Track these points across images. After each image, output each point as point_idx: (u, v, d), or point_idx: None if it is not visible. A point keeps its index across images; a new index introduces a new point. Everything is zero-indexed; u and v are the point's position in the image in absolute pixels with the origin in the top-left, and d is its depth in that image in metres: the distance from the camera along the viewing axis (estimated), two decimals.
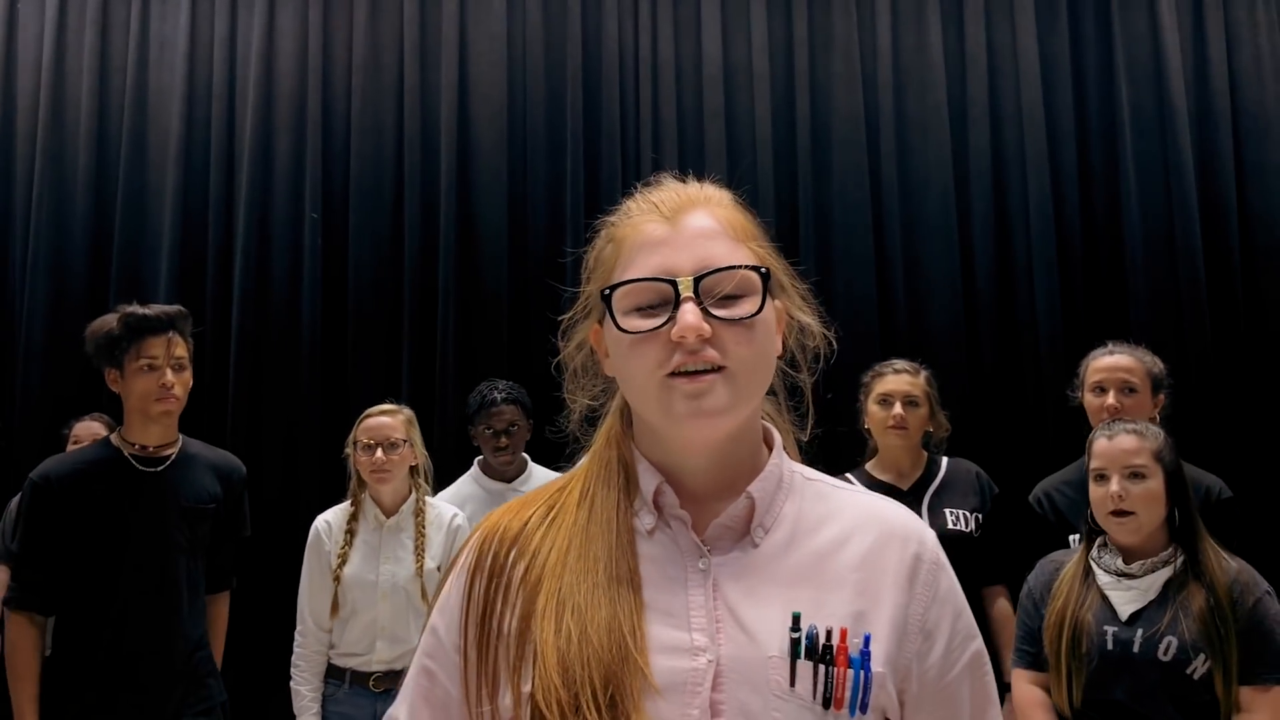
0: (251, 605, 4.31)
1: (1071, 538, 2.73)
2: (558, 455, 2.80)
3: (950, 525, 2.78)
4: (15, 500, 3.89)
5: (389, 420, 2.97)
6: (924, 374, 2.92)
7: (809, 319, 1.09)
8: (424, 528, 2.89)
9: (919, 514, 2.73)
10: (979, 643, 1.01)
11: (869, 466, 2.88)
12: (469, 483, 3.28)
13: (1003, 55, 6.44)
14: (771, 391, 1.06)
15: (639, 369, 0.98)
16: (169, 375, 2.49)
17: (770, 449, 1.05)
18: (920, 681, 0.97)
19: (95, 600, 2.37)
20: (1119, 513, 2.14)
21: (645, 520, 0.99)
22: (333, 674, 2.83)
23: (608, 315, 1.01)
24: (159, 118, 6.14)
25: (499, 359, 5.93)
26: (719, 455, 1.00)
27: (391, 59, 6.28)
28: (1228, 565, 2.09)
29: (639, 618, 0.93)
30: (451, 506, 3.08)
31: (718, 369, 0.95)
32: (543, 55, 6.33)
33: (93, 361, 2.54)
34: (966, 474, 2.90)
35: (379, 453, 2.88)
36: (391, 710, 1.06)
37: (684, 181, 1.09)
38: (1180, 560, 2.10)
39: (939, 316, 6.18)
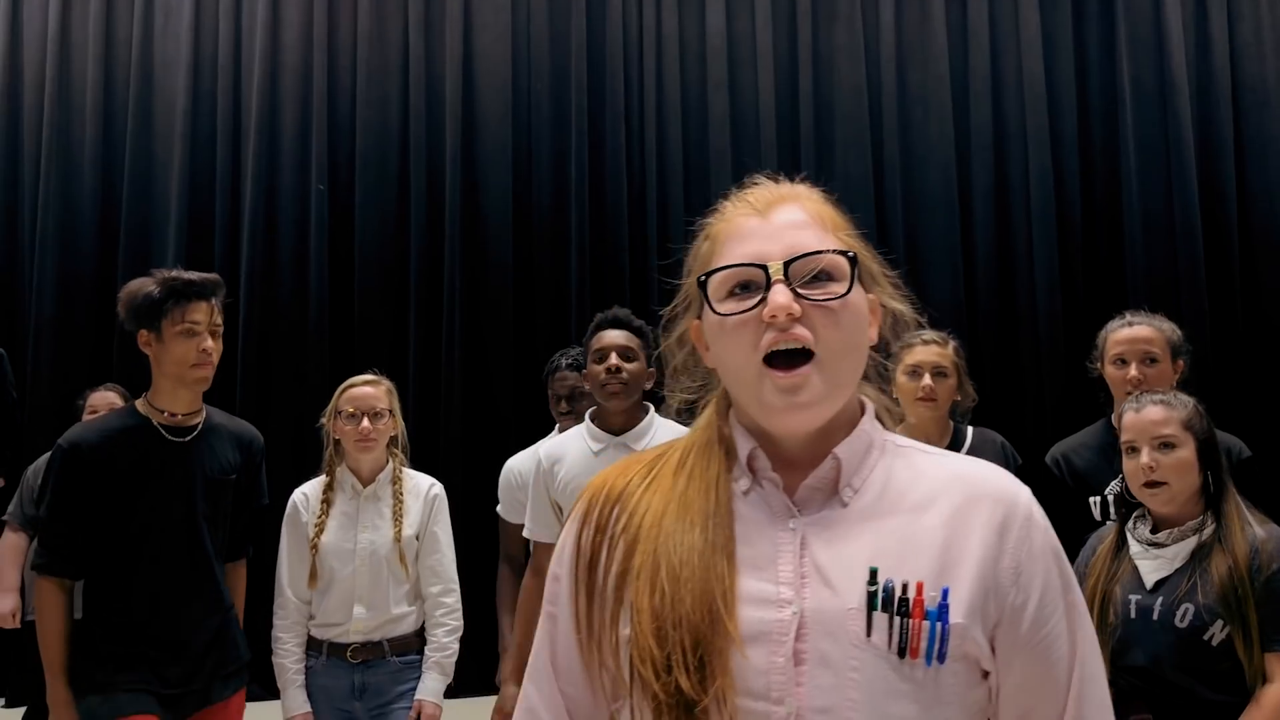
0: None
1: (1092, 500, 2.76)
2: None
3: None
4: (31, 468, 3.96)
5: (372, 390, 2.92)
6: (952, 344, 2.94)
7: (900, 306, 1.12)
8: (401, 496, 2.88)
9: None
10: (1076, 594, 1.03)
11: (896, 434, 2.93)
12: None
13: (1005, 28, 6.45)
14: (866, 377, 1.09)
15: (735, 353, 1.01)
16: (209, 341, 2.47)
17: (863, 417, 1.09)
18: (1013, 633, 0.99)
19: (124, 567, 2.39)
20: (1151, 484, 2.12)
21: (741, 483, 1.04)
22: (310, 646, 2.83)
23: (705, 303, 1.06)
24: (164, 91, 6.16)
25: (504, 329, 5.99)
26: (814, 433, 1.04)
27: (396, 31, 6.29)
28: (1252, 532, 2.06)
29: (731, 582, 0.98)
30: (428, 477, 3.03)
31: (809, 355, 0.98)
32: (547, 27, 6.34)
33: (125, 323, 2.53)
34: (991, 444, 2.93)
35: (365, 422, 2.86)
36: (533, 654, 1.13)
37: (776, 181, 1.12)
38: (1210, 528, 2.07)
39: (939, 290, 6.22)
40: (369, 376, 2.95)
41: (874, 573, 0.97)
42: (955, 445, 2.89)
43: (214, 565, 2.48)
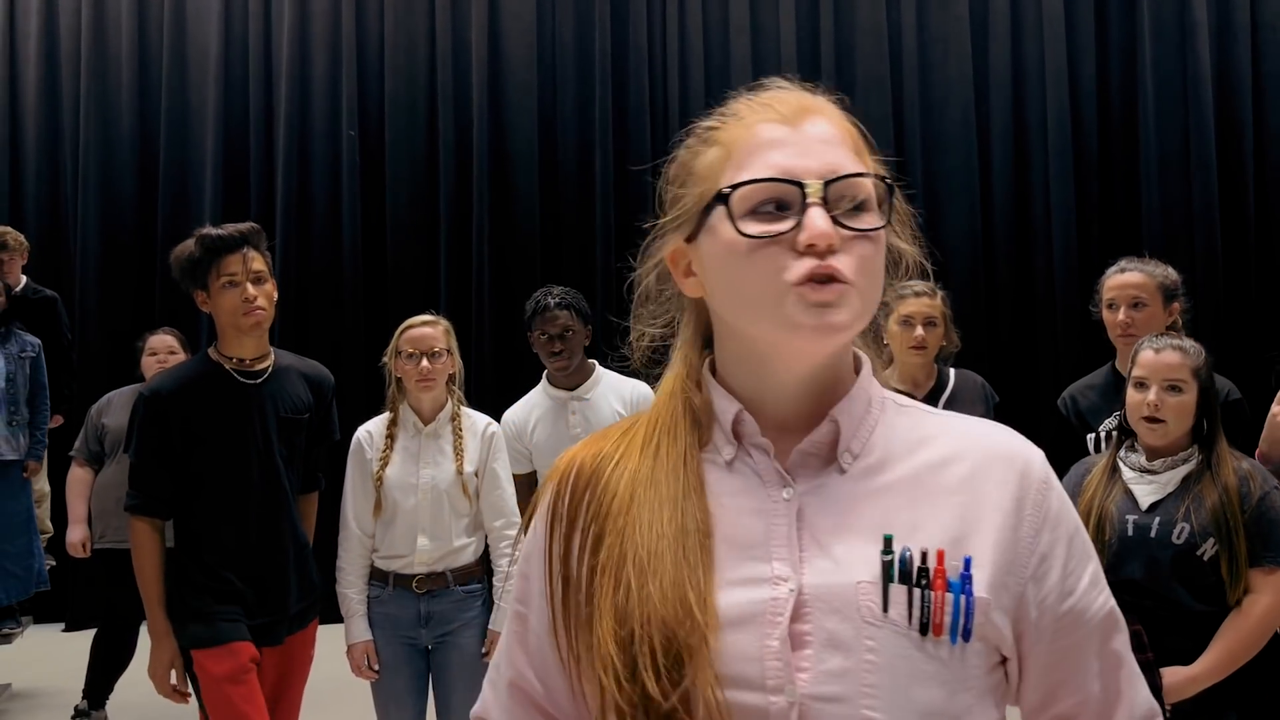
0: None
1: (1089, 436, 2.93)
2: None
3: None
4: (95, 406, 4.19)
5: (431, 330, 2.92)
6: (940, 294, 3.11)
7: (906, 246, 0.98)
8: (461, 433, 2.93)
9: None
10: (1096, 566, 0.94)
11: (886, 375, 3.12)
12: (538, 393, 3.24)
13: None
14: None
15: (757, 277, 0.87)
16: (250, 289, 2.53)
17: (858, 374, 0.97)
18: (1040, 608, 0.89)
19: (207, 504, 2.53)
20: (1152, 419, 2.31)
21: (725, 451, 0.93)
22: (376, 577, 2.90)
23: (724, 220, 0.89)
24: (198, 37, 6.29)
25: (532, 268, 6.16)
26: (809, 377, 0.92)
27: None
28: (1239, 465, 2.29)
29: (708, 569, 0.87)
30: (484, 416, 3.06)
31: (844, 282, 0.86)
32: None
33: (181, 286, 2.65)
34: (973, 385, 3.11)
35: (424, 362, 2.88)
36: (494, 657, 1.04)
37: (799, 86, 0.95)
38: (1198, 459, 2.29)
39: (957, 231, 6.35)
40: (427, 317, 2.98)
41: (888, 540, 0.87)
42: (941, 385, 3.07)
43: (290, 500, 2.63)
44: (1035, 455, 0.94)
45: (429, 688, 2.97)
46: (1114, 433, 2.48)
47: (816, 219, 0.85)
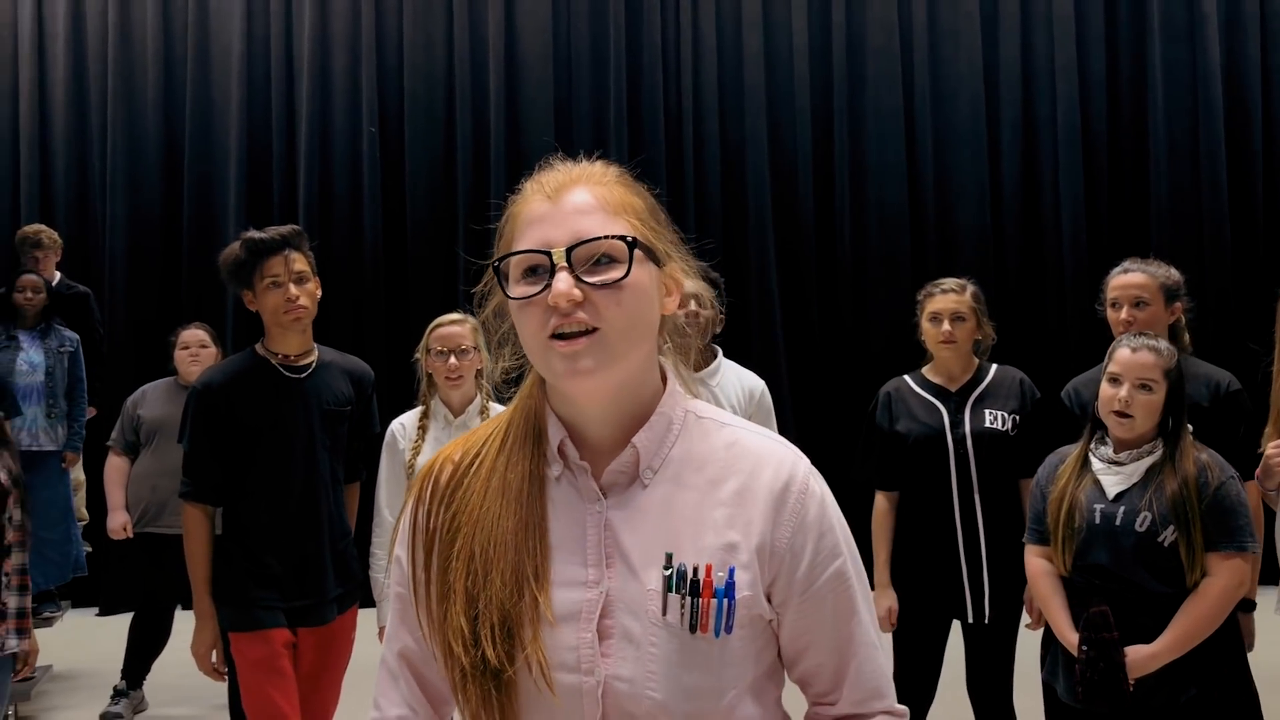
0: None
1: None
2: None
3: (987, 424, 3.10)
4: (130, 398, 4.34)
5: (459, 329, 3.07)
6: (970, 290, 3.22)
7: (694, 285, 1.16)
8: None
9: (962, 414, 3.11)
10: (841, 562, 1.11)
11: (924, 370, 3.23)
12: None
13: None
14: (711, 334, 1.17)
15: (526, 332, 1.07)
16: (292, 289, 2.64)
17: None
18: (787, 593, 1.09)
19: (254, 492, 2.65)
20: (1121, 414, 2.46)
21: (554, 469, 1.11)
22: None
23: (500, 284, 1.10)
24: (221, 35, 6.42)
25: None
26: (611, 406, 1.09)
27: None
28: (1199, 457, 2.45)
29: (543, 560, 1.06)
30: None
31: (590, 331, 1.03)
32: None
33: (229, 286, 2.77)
34: (1011, 380, 3.21)
35: (452, 359, 3.02)
36: (385, 636, 1.22)
37: (576, 161, 1.14)
38: (1161, 452, 2.46)
39: (967, 224, 6.44)
40: (455, 316, 3.10)
41: (669, 557, 1.06)
42: (977, 380, 3.18)
43: (332, 490, 2.75)
44: (800, 467, 1.13)
45: None
46: (1086, 426, 2.61)
47: (558, 282, 1.04)
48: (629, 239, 1.06)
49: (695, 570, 1.05)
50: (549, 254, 1.05)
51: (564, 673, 1.05)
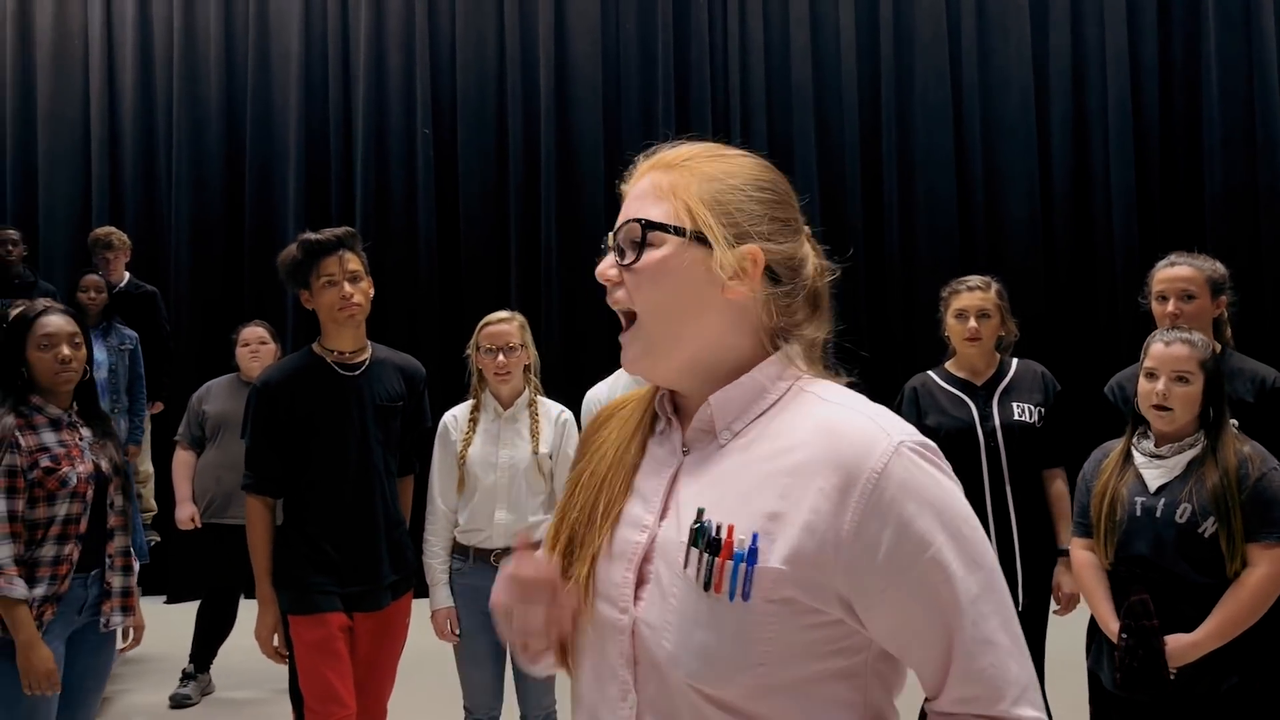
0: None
1: None
2: None
3: (1016, 416, 3.16)
4: (196, 394, 4.52)
5: (507, 327, 3.17)
6: (994, 287, 3.27)
7: (782, 247, 1.18)
8: (538, 417, 3.17)
9: (990, 407, 3.16)
10: (934, 551, 1.01)
11: (948, 365, 3.30)
12: (623, 373, 3.40)
13: None
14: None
15: None
16: (346, 287, 2.76)
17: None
18: (867, 585, 1.01)
19: (312, 484, 2.79)
20: (1160, 407, 2.50)
21: (660, 424, 1.19)
22: (458, 551, 3.12)
23: None
24: (280, 38, 6.59)
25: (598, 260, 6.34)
26: (690, 379, 1.14)
27: None
28: (1240, 449, 2.47)
29: (620, 499, 1.15)
30: (559, 404, 3.28)
31: (631, 317, 1.13)
32: None
33: (287, 286, 2.89)
34: (1033, 374, 3.27)
35: (500, 356, 3.12)
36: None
37: (679, 143, 1.21)
38: (1202, 445, 2.49)
39: (1017, 216, 6.41)
40: (503, 314, 3.20)
41: (700, 512, 1.07)
42: (1001, 374, 3.24)
43: (386, 482, 2.88)
44: (878, 447, 1.03)
45: (506, 654, 3.20)
46: (1130, 420, 2.64)
47: (601, 262, 1.15)
48: (642, 221, 1.11)
49: (719, 529, 1.05)
50: (605, 240, 1.16)
51: (606, 605, 1.12)
